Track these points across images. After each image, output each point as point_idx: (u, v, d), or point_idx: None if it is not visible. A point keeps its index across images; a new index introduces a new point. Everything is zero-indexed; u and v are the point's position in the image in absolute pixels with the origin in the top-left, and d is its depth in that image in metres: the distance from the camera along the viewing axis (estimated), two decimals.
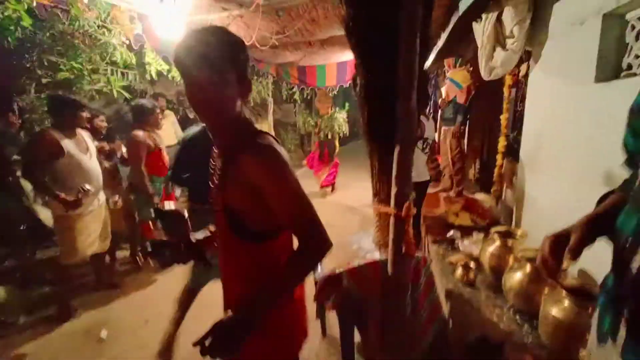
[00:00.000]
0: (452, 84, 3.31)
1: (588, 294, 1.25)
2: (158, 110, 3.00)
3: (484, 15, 2.05)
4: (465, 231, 2.60)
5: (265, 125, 7.42)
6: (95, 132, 3.00)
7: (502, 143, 2.73)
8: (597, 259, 0.76)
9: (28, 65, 3.06)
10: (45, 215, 3.31)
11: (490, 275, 1.86)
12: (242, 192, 0.86)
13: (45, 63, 3.05)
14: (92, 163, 2.50)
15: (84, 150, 2.45)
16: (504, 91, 2.61)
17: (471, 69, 3.18)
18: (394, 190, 1.23)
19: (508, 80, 2.50)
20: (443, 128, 3.77)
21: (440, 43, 2.92)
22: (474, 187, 3.52)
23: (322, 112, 6.69)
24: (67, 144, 2.34)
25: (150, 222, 2.66)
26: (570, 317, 1.26)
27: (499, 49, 2.02)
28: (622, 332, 0.57)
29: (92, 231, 2.57)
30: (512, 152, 2.60)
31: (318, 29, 4.17)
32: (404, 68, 1.14)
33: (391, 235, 1.30)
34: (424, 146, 2.46)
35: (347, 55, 5.59)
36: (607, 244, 0.68)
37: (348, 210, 5.22)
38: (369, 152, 1.41)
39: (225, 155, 0.91)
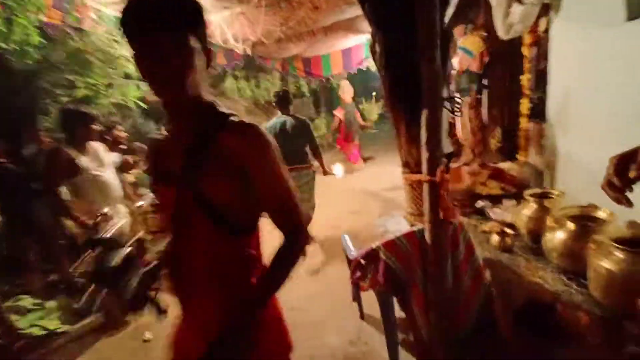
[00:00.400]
0: (464, 53, 3.19)
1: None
2: None
3: None
4: (495, 200, 2.54)
5: None
6: (115, 143, 3.09)
7: (525, 105, 2.62)
8: None
9: (46, 86, 3.16)
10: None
11: (529, 239, 1.81)
12: (224, 175, 0.78)
13: (64, 82, 3.16)
14: (108, 176, 2.49)
15: (99, 164, 2.45)
16: (522, 51, 2.50)
17: (484, 34, 3.06)
18: (424, 155, 1.21)
19: (527, 39, 2.38)
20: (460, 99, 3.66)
21: (450, 11, 2.81)
22: (498, 157, 3.40)
23: (346, 101, 6.79)
24: (82, 160, 2.35)
25: None
26: (624, 269, 1.20)
27: (515, 5, 1.93)
28: None
29: None
30: (537, 113, 2.49)
31: (320, 15, 4.13)
32: (423, 28, 1.11)
33: (426, 203, 1.27)
34: (453, 107, 2.38)
35: (351, 41, 5.51)
36: None
37: (370, 196, 5.19)
38: (394, 121, 1.39)
39: (195, 136, 0.80)
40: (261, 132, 0.80)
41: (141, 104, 3.72)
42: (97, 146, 2.53)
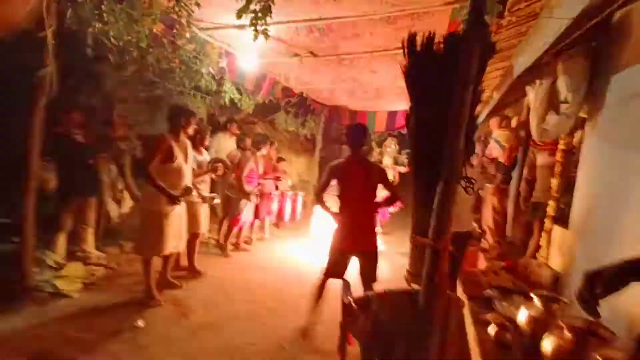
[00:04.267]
0: (496, 144, 3.36)
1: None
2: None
3: (538, 80, 2.16)
4: (504, 292, 2.48)
5: (312, 160, 7.82)
6: (195, 145, 3.49)
7: (552, 208, 2.64)
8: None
9: (135, 82, 3.72)
10: (113, 209, 3.80)
11: (528, 339, 1.75)
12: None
13: (146, 81, 3.71)
14: (188, 169, 2.90)
15: (185, 157, 2.86)
16: (556, 155, 2.60)
17: (521, 132, 3.23)
18: (433, 222, 1.31)
19: (561, 145, 2.50)
20: (486, 186, 3.73)
21: (492, 102, 3.03)
22: (517, 249, 3.34)
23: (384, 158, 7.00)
24: (177, 150, 2.74)
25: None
26: None
27: (551, 113, 2.08)
28: None
29: (175, 231, 2.83)
30: (563, 218, 2.51)
31: (376, 79, 4.53)
32: (454, 113, 1.28)
33: (426, 266, 1.35)
34: (467, 185, 2.46)
35: (398, 106, 5.89)
36: None
37: (384, 258, 5.10)
38: (413, 186, 1.52)
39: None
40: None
41: (202, 115, 4.24)
42: (186, 141, 2.94)
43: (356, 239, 2.55)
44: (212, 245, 4.53)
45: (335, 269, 2.57)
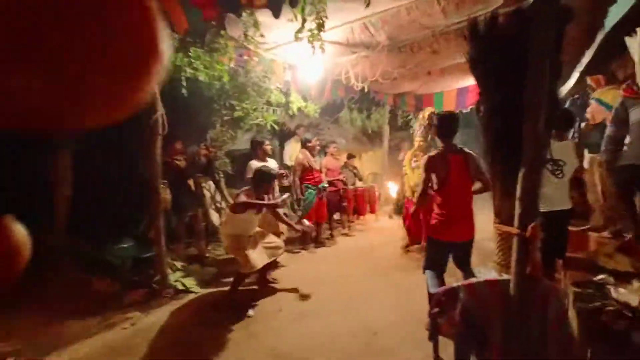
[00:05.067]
0: (600, 105, 2.85)
1: None
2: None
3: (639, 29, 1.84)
4: (620, 277, 2.17)
5: (380, 151, 7.76)
6: (264, 154, 4.12)
7: None
8: None
9: (217, 107, 4.34)
10: (215, 218, 4.49)
11: None
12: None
13: (227, 105, 4.28)
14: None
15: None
16: None
17: (625, 87, 2.69)
18: (517, 210, 1.28)
19: None
20: (588, 156, 3.22)
21: (584, 61, 2.63)
22: (637, 227, 2.84)
23: None
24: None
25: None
26: None
27: None
28: None
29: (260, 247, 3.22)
30: None
31: (439, 59, 4.31)
32: (531, 91, 1.23)
33: (514, 256, 1.33)
34: (554, 169, 2.19)
35: (467, 81, 5.46)
36: None
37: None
38: (491, 174, 1.49)
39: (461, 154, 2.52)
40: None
41: (275, 125, 4.69)
42: (270, 161, 3.69)
43: (459, 230, 2.52)
44: (297, 243, 4.92)
45: (437, 262, 2.60)
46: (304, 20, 2.22)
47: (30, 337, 2.59)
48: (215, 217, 4.46)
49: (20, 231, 0.95)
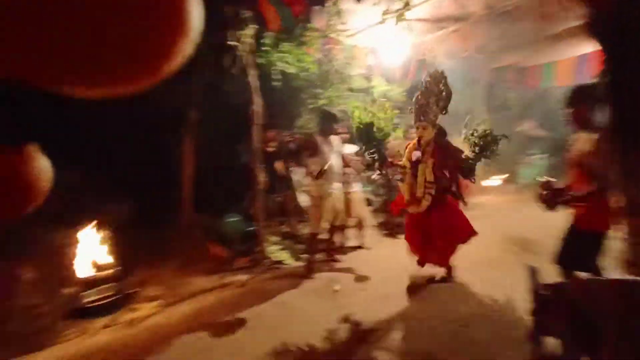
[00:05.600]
0: None
1: None
2: None
3: None
4: None
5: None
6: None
7: None
8: None
9: (304, 96, 4.64)
10: (302, 198, 4.87)
11: None
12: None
13: (312, 94, 4.50)
14: (333, 160, 3.49)
15: (330, 151, 3.48)
16: None
17: None
18: None
19: None
20: None
21: None
22: None
23: None
24: (323, 146, 3.42)
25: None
26: None
27: None
28: None
29: (331, 209, 3.53)
30: None
31: (549, 24, 3.69)
32: None
33: None
34: None
35: (589, 47, 4.50)
36: None
37: (507, 242, 4.15)
38: (618, 154, 1.26)
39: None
40: None
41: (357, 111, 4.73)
42: (334, 138, 3.58)
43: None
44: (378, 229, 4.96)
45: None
46: None
47: (170, 287, 3.39)
48: (302, 199, 4.81)
49: (42, 161, 0.95)
